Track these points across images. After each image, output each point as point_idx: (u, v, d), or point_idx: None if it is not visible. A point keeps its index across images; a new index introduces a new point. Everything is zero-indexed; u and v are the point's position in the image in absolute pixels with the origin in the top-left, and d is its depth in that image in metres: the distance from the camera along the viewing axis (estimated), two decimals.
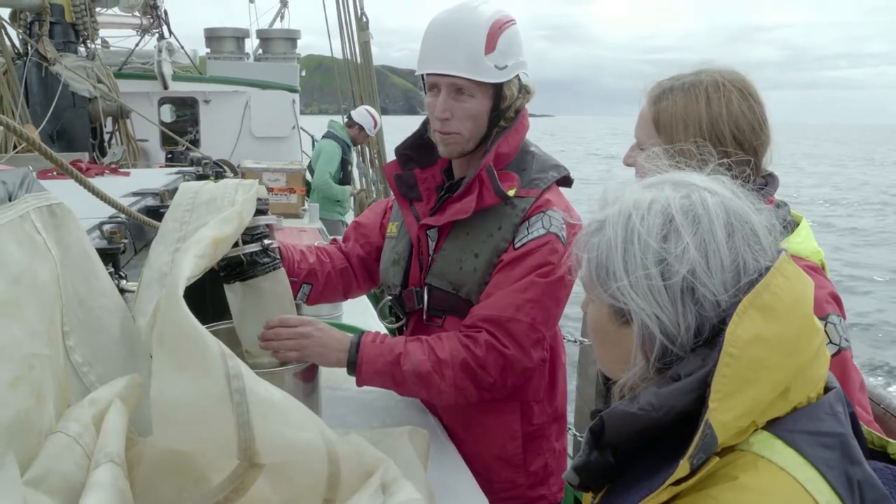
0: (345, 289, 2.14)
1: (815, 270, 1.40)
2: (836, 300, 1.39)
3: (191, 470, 1.28)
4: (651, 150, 1.09)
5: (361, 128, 7.25)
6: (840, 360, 1.34)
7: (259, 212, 1.73)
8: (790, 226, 1.45)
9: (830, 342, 1.33)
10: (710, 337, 0.90)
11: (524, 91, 1.87)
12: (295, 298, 1.97)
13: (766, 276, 0.89)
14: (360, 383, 1.78)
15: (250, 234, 1.70)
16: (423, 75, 1.86)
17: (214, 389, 1.14)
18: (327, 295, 2.10)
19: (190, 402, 1.15)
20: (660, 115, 1.48)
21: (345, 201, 7.45)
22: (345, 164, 7.10)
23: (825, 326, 1.33)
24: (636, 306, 0.92)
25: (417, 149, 1.98)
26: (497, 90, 1.80)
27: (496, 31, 1.75)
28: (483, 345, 1.73)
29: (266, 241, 1.73)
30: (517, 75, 1.83)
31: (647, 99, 1.53)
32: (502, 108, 1.83)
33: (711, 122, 1.43)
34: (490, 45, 1.74)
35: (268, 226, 1.77)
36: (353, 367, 1.75)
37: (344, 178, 7.18)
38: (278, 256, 1.78)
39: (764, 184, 1.48)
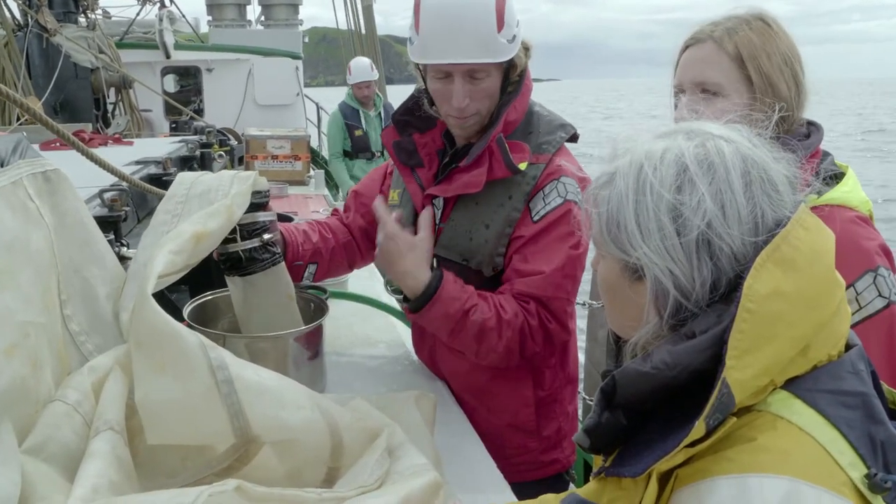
0: (349, 262, 2.12)
1: (864, 221, 1.36)
2: (886, 253, 1.34)
3: None
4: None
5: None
6: (889, 314, 1.30)
7: (260, 206, 1.71)
8: (836, 176, 1.40)
9: (880, 295, 1.29)
10: (726, 292, 0.87)
11: (523, 50, 1.80)
12: (301, 279, 1.96)
13: (785, 228, 0.85)
14: (422, 318, 1.73)
15: (249, 230, 1.68)
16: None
17: (200, 384, 1.12)
18: (333, 270, 2.08)
19: (178, 401, 1.13)
20: (741, 48, 1.41)
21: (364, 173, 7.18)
22: (351, 129, 6.62)
23: (875, 279, 1.29)
24: (649, 261, 0.88)
25: (413, 113, 1.92)
26: (507, 62, 1.74)
27: (502, 4, 1.67)
28: (535, 315, 1.73)
29: (266, 237, 1.70)
30: None
31: (711, 41, 1.45)
32: (512, 77, 1.78)
33: (787, 51, 1.42)
34: (500, 22, 1.67)
35: (269, 221, 1.75)
36: (427, 299, 1.69)
37: (354, 144, 6.61)
38: (278, 251, 1.75)
39: (807, 134, 1.44)
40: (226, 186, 1.63)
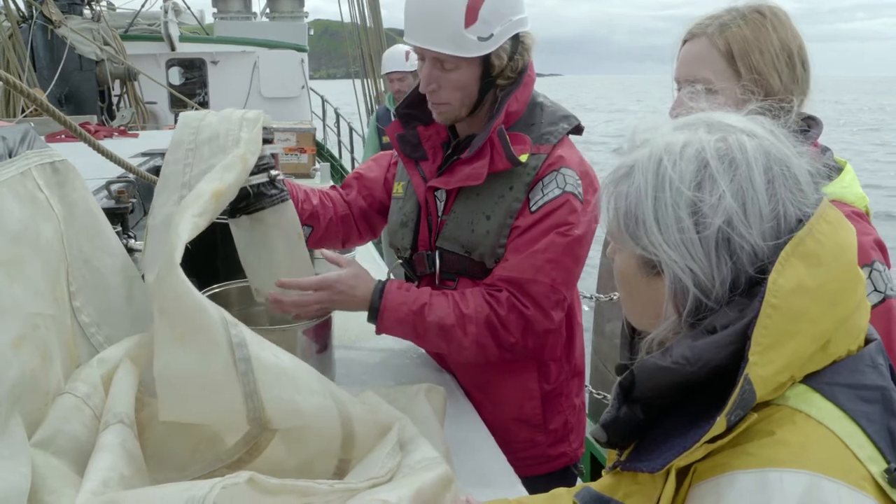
0: (344, 237, 2.09)
1: (860, 216, 1.35)
2: (881, 247, 1.34)
3: (204, 429, 1.26)
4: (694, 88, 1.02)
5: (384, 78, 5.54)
6: (886, 309, 1.30)
7: (265, 141, 1.64)
8: (834, 171, 1.39)
9: (875, 290, 1.29)
10: (745, 289, 0.85)
11: (521, 49, 1.76)
12: None
13: (808, 222, 0.83)
14: (380, 330, 1.74)
15: (256, 165, 1.60)
16: None
17: (219, 360, 1.11)
18: (326, 240, 2.04)
19: (195, 375, 1.13)
20: (732, 44, 1.41)
21: None
22: (380, 134, 5.62)
23: (870, 274, 1.29)
24: (668, 258, 0.87)
25: (418, 106, 1.90)
26: (485, 59, 1.71)
27: (479, 1, 1.64)
28: (505, 304, 1.70)
29: (273, 172, 1.65)
30: (511, 36, 1.72)
31: (705, 37, 1.44)
32: (493, 74, 1.74)
33: (783, 45, 1.41)
34: (471, 18, 1.64)
35: (273, 155, 1.69)
36: (375, 313, 1.71)
37: (383, 150, 5.48)
38: (285, 188, 1.71)
39: (807, 127, 1.42)
40: (235, 131, 1.57)
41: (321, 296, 1.68)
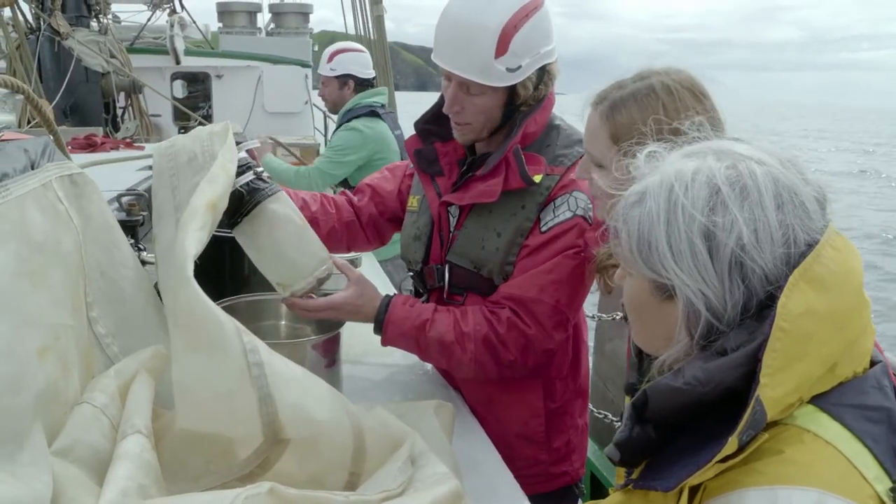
0: (349, 242, 2.10)
1: None
2: None
3: (217, 443, 1.27)
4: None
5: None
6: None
7: (237, 143, 1.63)
8: None
9: None
10: (756, 312, 0.87)
11: (546, 79, 1.79)
12: None
13: (816, 248, 0.86)
14: (385, 342, 1.79)
15: (239, 168, 1.61)
16: None
17: (233, 366, 1.14)
18: (329, 246, 1.97)
19: (210, 382, 1.16)
20: (619, 130, 1.41)
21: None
22: None
23: None
24: (681, 282, 0.89)
25: (437, 122, 1.93)
26: (511, 87, 1.74)
27: (510, 32, 1.66)
28: (505, 322, 1.72)
29: (258, 170, 1.65)
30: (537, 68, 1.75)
31: (597, 113, 1.46)
32: (517, 103, 1.77)
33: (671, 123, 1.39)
34: (501, 49, 1.66)
35: (248, 152, 1.68)
36: (379, 325, 1.76)
37: None
38: (274, 181, 1.70)
39: None
40: (209, 147, 1.57)
41: (328, 314, 1.75)
